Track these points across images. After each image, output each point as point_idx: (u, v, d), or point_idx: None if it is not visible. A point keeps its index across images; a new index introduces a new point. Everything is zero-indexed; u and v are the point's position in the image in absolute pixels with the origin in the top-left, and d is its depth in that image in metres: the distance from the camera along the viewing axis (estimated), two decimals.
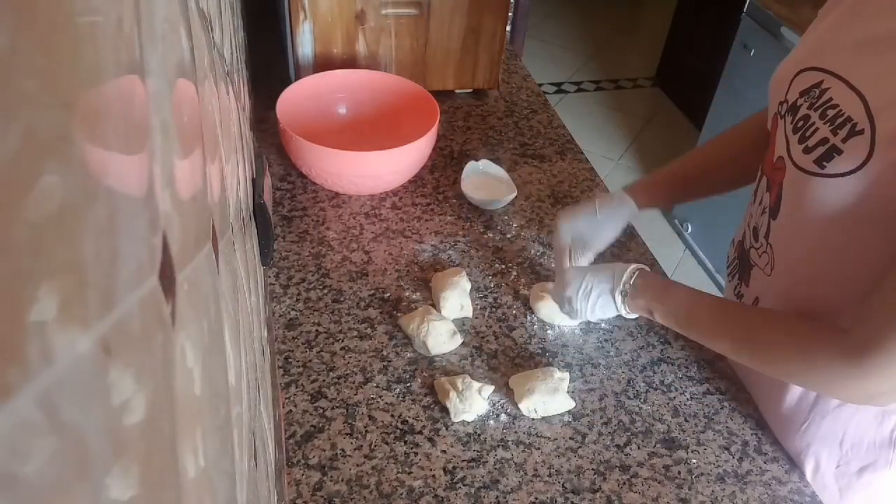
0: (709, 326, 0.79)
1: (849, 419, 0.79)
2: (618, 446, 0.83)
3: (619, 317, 0.87)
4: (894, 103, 0.63)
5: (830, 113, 0.68)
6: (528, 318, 0.98)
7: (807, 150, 0.70)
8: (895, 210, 0.64)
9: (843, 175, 0.66)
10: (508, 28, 1.49)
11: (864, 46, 0.68)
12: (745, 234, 0.87)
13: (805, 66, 0.74)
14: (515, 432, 0.83)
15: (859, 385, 0.66)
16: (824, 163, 0.68)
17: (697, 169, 1.00)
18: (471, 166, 1.21)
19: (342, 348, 0.91)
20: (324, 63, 1.30)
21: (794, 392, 0.82)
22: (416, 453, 0.79)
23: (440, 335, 0.89)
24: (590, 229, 0.96)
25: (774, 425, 0.87)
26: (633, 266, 0.84)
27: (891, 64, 0.65)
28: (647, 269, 0.85)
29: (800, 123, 0.72)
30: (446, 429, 0.82)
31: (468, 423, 0.83)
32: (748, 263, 0.86)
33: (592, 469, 0.80)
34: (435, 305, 0.96)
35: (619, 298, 0.83)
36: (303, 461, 0.77)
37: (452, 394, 0.82)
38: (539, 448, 0.81)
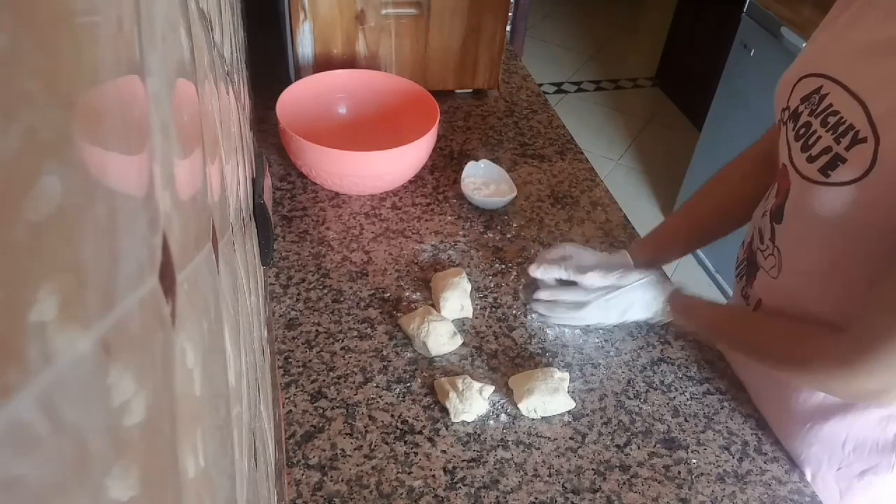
0: (726, 336, 0.89)
1: (852, 422, 0.79)
2: (618, 446, 0.83)
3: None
4: None
5: (832, 120, 0.67)
6: (528, 317, 0.98)
7: (811, 160, 0.70)
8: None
9: (847, 183, 0.66)
10: (508, 28, 1.49)
11: (865, 52, 0.67)
12: (752, 236, 0.88)
13: (807, 73, 0.74)
14: (515, 432, 0.83)
15: (853, 382, 0.68)
16: (829, 171, 0.67)
17: (692, 227, 1.02)
18: (471, 166, 1.21)
19: (342, 348, 0.91)
20: (324, 63, 1.30)
21: (799, 393, 0.82)
22: (416, 453, 0.79)
23: (440, 336, 0.89)
24: (581, 254, 0.97)
25: (776, 426, 0.87)
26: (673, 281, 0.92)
27: (892, 71, 0.64)
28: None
29: (801, 131, 0.72)
30: (446, 429, 0.82)
31: (468, 423, 0.83)
32: (755, 265, 0.86)
33: (592, 469, 0.80)
34: (435, 306, 0.96)
35: (661, 301, 0.90)
36: (303, 461, 0.77)
37: (452, 394, 0.82)
38: (539, 448, 0.81)
